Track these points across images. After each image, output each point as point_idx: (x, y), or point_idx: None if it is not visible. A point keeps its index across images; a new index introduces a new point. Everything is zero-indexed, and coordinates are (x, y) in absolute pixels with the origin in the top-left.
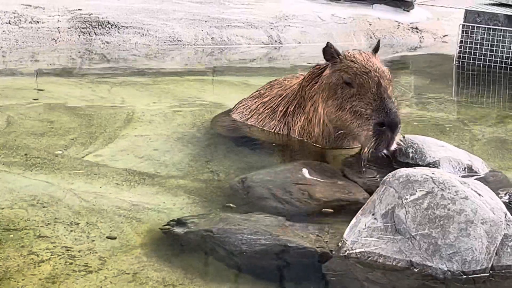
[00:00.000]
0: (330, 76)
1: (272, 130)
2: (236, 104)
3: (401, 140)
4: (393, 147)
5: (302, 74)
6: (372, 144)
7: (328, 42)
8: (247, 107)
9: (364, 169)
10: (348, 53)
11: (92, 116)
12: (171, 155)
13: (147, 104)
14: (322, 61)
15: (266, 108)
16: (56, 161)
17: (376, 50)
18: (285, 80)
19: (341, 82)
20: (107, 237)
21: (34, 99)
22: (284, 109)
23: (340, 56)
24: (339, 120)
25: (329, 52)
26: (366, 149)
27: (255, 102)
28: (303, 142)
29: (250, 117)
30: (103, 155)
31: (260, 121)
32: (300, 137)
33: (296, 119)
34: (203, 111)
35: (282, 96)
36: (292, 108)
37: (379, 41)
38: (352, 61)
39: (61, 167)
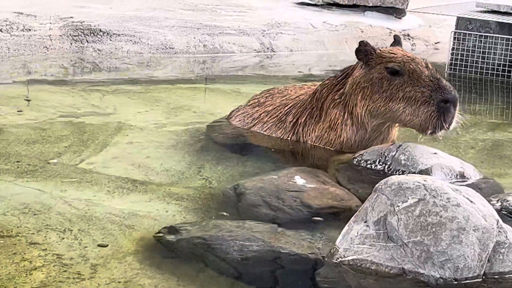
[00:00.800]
0: (370, 72)
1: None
2: (233, 112)
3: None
4: (454, 124)
5: (305, 84)
6: (438, 122)
7: (362, 41)
8: (249, 115)
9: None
10: (382, 48)
11: (84, 124)
12: (163, 163)
13: (139, 112)
14: (313, 68)
15: (271, 117)
16: (48, 169)
17: (400, 44)
18: (287, 90)
19: (385, 74)
20: (98, 245)
21: (19, 111)
22: (294, 120)
23: (377, 52)
24: (390, 112)
25: (363, 50)
26: (428, 130)
27: (257, 110)
28: (297, 148)
29: (253, 126)
30: (95, 163)
31: (266, 130)
32: (316, 145)
33: (309, 129)
34: (195, 119)
35: (289, 106)
36: (303, 119)
37: (398, 36)
38: (392, 53)
39: (53, 175)
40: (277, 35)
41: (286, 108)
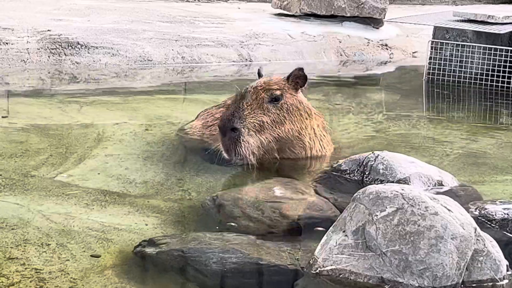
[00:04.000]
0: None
1: None
2: (200, 113)
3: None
4: (228, 154)
5: None
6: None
7: (259, 68)
8: (211, 114)
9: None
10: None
11: (62, 136)
12: (142, 174)
13: (117, 124)
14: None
15: None
16: (26, 182)
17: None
18: None
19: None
20: (91, 256)
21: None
22: None
23: None
24: None
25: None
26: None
27: (221, 111)
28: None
29: (212, 125)
30: (73, 176)
31: None
32: None
33: None
34: (174, 130)
35: None
36: None
37: (260, 69)
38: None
39: (31, 188)
40: (255, 46)
41: None
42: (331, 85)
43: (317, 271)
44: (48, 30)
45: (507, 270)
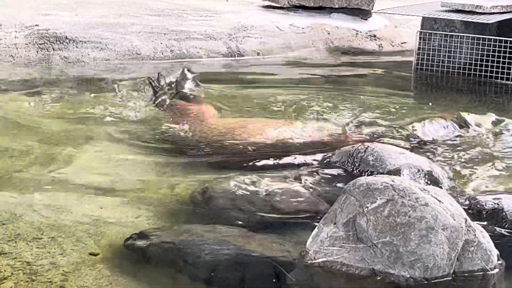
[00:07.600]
0: None
1: None
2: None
3: None
4: None
5: None
6: None
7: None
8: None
9: None
10: None
11: (52, 133)
12: (132, 170)
13: (106, 119)
14: (280, 70)
15: None
16: (17, 179)
17: None
18: None
19: None
20: (89, 254)
21: None
22: None
23: None
24: None
25: None
26: None
27: None
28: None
29: None
30: (63, 172)
31: None
32: None
33: None
34: (164, 125)
35: None
36: None
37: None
38: None
39: (22, 184)
40: (244, 39)
41: None
42: (321, 79)
43: (309, 263)
44: (36, 25)
45: (498, 260)
